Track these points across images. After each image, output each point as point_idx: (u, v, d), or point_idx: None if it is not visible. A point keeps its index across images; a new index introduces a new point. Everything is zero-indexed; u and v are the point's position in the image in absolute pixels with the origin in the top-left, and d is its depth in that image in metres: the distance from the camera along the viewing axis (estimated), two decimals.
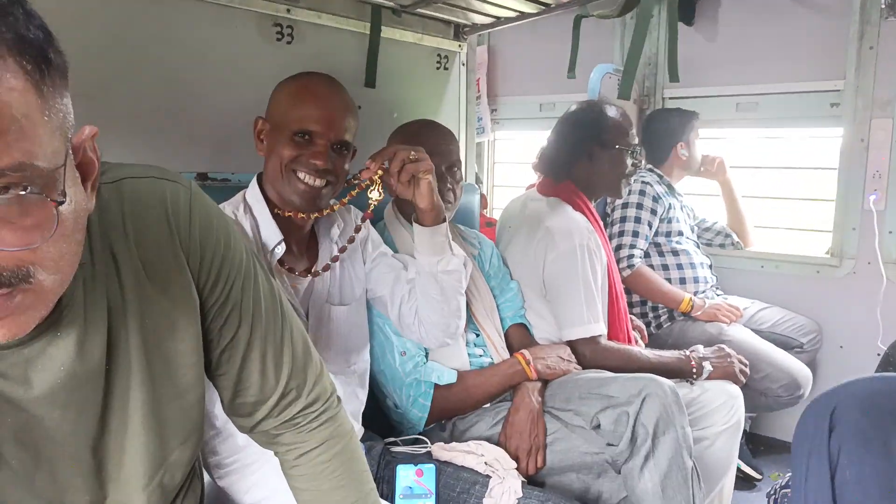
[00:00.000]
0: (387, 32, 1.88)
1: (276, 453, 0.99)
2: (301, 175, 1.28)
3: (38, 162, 0.54)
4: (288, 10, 1.67)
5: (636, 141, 1.94)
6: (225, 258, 0.85)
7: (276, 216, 1.31)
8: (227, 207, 1.30)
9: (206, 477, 1.20)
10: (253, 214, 1.31)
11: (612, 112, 1.93)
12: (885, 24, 2.46)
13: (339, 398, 1.02)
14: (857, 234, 2.59)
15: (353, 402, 1.44)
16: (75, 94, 0.61)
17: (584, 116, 1.94)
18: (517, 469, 1.47)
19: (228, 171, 1.59)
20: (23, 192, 0.54)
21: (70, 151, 0.60)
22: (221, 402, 0.95)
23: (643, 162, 2.79)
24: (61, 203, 0.57)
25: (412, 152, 1.31)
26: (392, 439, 1.55)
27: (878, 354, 2.33)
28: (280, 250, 1.30)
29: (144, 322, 0.77)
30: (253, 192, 1.33)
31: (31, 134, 0.54)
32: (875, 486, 0.89)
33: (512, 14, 1.96)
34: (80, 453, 0.75)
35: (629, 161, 1.93)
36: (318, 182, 1.29)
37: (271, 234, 1.29)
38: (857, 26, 2.52)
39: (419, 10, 1.89)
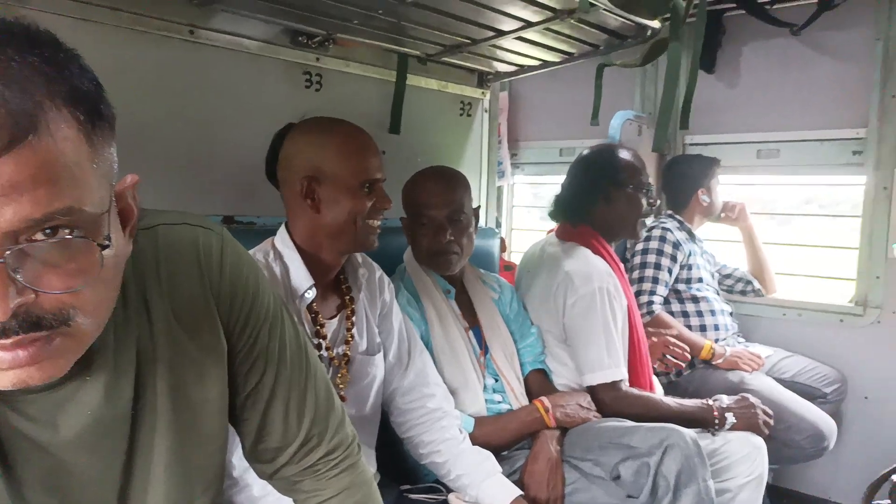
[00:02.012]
0: (412, 80, 1.93)
1: (294, 501, 0.99)
2: (372, 223, 1.35)
3: (87, 207, 0.56)
4: (317, 59, 1.72)
5: (650, 181, 1.95)
6: (254, 304, 0.86)
7: (305, 262, 1.33)
8: (257, 253, 1.33)
9: None
10: (283, 260, 1.33)
11: (624, 154, 1.94)
12: None
13: (359, 445, 1.02)
14: (882, 282, 2.56)
15: (365, 450, 1.44)
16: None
17: (598, 158, 1.96)
18: None
19: (254, 214, 1.62)
20: (69, 236, 0.56)
21: (113, 198, 0.63)
22: (243, 447, 0.95)
23: (664, 208, 2.81)
24: (105, 247, 0.59)
25: None
26: (408, 486, 1.54)
27: None
28: (311, 294, 1.32)
29: (173, 368, 0.78)
30: (282, 238, 1.36)
31: (81, 181, 0.56)
32: None
33: (535, 63, 2.00)
34: (106, 498, 0.76)
35: (644, 201, 1.93)
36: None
37: (302, 279, 1.31)
38: (880, 74, 2.53)
39: (444, 58, 1.93)
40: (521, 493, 1.42)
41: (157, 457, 0.78)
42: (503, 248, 3.25)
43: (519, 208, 3.74)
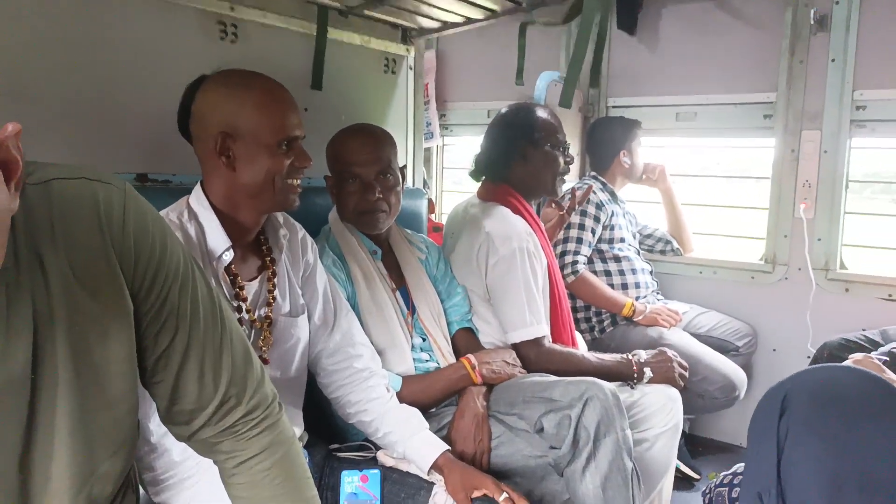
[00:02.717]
0: (333, 34, 1.87)
1: (214, 462, 0.97)
2: (292, 182, 1.30)
3: None
4: (232, 8, 1.63)
5: (566, 139, 1.97)
6: (161, 262, 0.83)
7: (222, 222, 1.28)
8: (170, 213, 1.26)
9: (143, 492, 1.16)
10: (198, 220, 1.27)
11: (541, 112, 1.95)
12: (815, 39, 2.57)
13: (280, 404, 1.00)
14: (789, 241, 2.70)
15: (292, 410, 1.42)
16: (5, 93, 0.59)
17: (514, 117, 1.96)
18: None
19: (169, 171, 1.55)
20: None
21: None
22: (158, 410, 0.92)
23: (587, 169, 2.86)
24: None
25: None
26: (336, 445, 1.53)
27: (808, 357, 2.44)
28: (228, 256, 1.27)
29: (73, 329, 0.74)
30: (198, 198, 1.29)
31: None
32: (815, 465, 0.95)
33: (459, 19, 1.97)
34: (4, 466, 0.72)
35: (561, 159, 1.95)
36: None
37: (219, 241, 1.26)
38: (789, 41, 2.63)
39: (366, 11, 1.88)
40: (447, 447, 1.44)
41: (59, 421, 0.74)
42: (432, 209, 3.25)
43: (450, 170, 3.73)
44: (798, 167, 2.65)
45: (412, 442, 1.43)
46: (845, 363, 1.58)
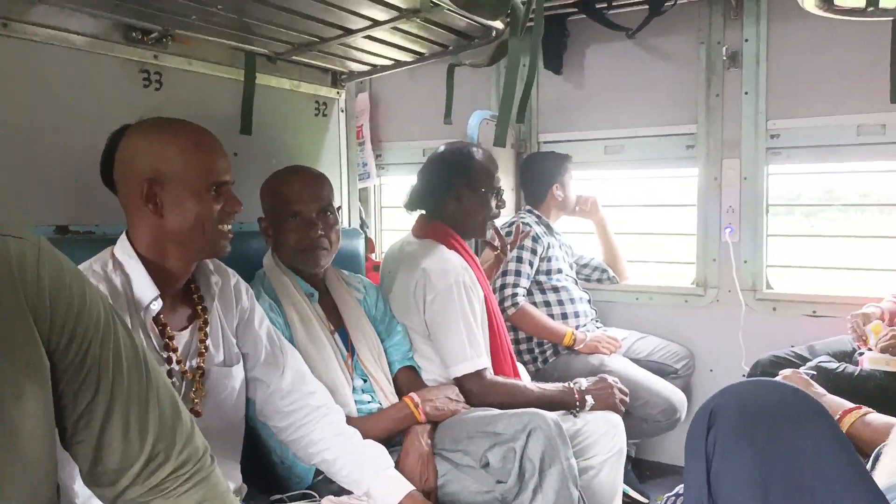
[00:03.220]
0: (262, 79, 1.87)
1: None
2: (223, 227, 1.29)
3: None
4: (155, 56, 1.62)
5: (500, 184, 2.01)
6: (80, 317, 0.80)
7: (149, 271, 1.25)
8: (93, 264, 1.22)
9: None
10: (124, 270, 1.23)
11: (479, 155, 1.99)
12: (728, 73, 2.73)
13: (212, 457, 0.97)
14: (718, 264, 2.81)
15: (229, 463, 1.37)
16: None
17: (453, 159, 1.99)
18: None
19: (92, 222, 1.50)
20: None
21: None
22: (80, 472, 0.88)
23: (522, 204, 2.92)
24: None
25: None
26: (278, 496, 1.49)
27: (743, 375, 2.52)
28: (156, 306, 1.23)
29: None
30: (123, 247, 1.26)
31: None
32: (742, 476, 0.98)
33: (388, 62, 2.01)
34: None
35: (494, 204, 1.99)
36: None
37: (146, 290, 1.23)
38: (704, 75, 2.78)
39: (294, 57, 1.89)
40: (413, 487, 1.43)
41: None
42: (371, 248, 3.24)
43: (388, 209, 3.74)
44: (721, 194, 2.78)
45: (377, 481, 1.41)
46: (775, 379, 1.64)
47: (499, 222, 2.15)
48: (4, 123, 1.37)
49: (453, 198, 1.95)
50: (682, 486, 1.57)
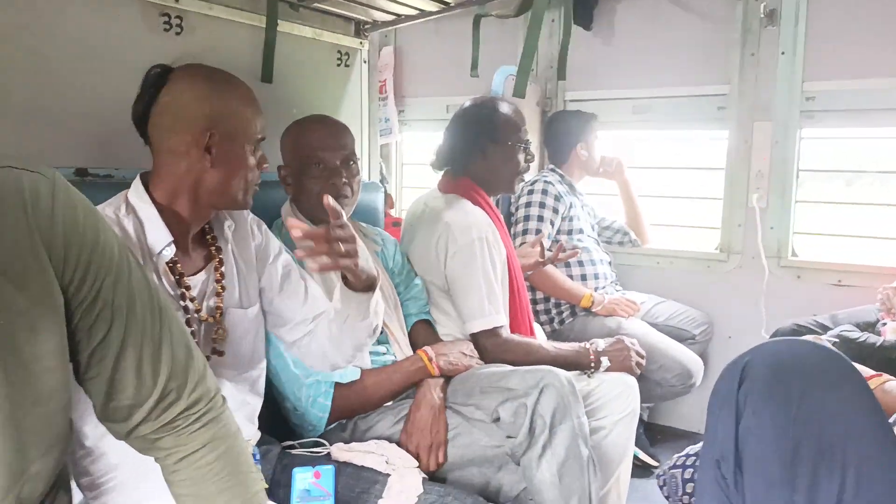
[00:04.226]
0: (284, 27, 1.84)
1: (155, 460, 0.95)
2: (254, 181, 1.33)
3: None
4: (176, 0, 1.60)
5: (528, 137, 1.98)
6: (93, 254, 0.80)
7: (163, 217, 1.25)
8: (106, 209, 1.22)
9: (80, 496, 1.13)
10: (137, 216, 1.23)
11: (504, 108, 1.96)
12: (765, 32, 2.63)
13: (223, 398, 0.98)
14: (743, 230, 2.75)
15: (245, 408, 1.39)
16: None
17: (477, 113, 1.96)
18: (419, 466, 1.47)
19: (111, 166, 1.51)
20: None
21: None
22: (94, 407, 0.90)
23: (545, 162, 2.88)
24: None
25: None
26: (290, 443, 1.51)
27: None
28: (169, 252, 1.24)
29: None
30: (137, 192, 1.25)
31: None
32: (774, 432, 0.98)
33: (412, 12, 1.96)
34: None
35: (522, 158, 1.96)
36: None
37: (159, 236, 1.23)
38: (740, 34, 2.68)
39: (317, 4, 1.86)
40: None
41: None
42: (390, 204, 3.24)
43: (409, 165, 3.72)
44: (751, 158, 2.70)
45: None
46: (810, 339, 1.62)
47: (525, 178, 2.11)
48: (25, 67, 1.37)
49: (479, 153, 1.92)
50: (692, 447, 1.58)
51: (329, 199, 1.16)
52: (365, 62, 2.17)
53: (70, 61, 1.44)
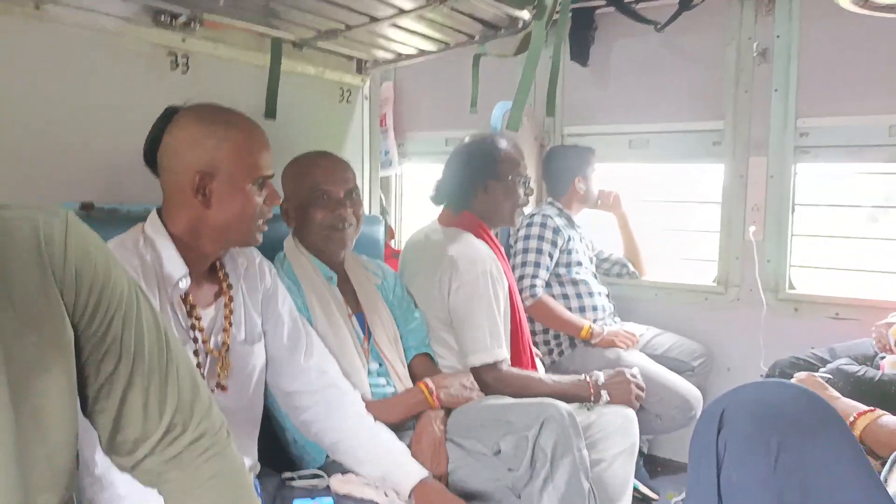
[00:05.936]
0: (288, 65, 1.89)
1: (160, 492, 0.95)
2: (261, 220, 1.33)
3: None
4: (183, 40, 1.64)
5: (527, 171, 2.01)
6: (104, 289, 0.82)
7: (179, 250, 1.28)
8: (125, 240, 1.26)
9: None
10: (155, 248, 1.27)
11: (503, 144, 1.99)
12: (758, 70, 2.69)
13: (228, 432, 0.99)
14: (740, 263, 2.78)
15: (245, 440, 1.40)
16: None
17: (478, 150, 2.00)
18: None
19: (117, 201, 1.54)
20: None
21: None
22: (100, 440, 0.90)
23: (544, 196, 2.91)
24: None
25: None
26: (290, 474, 1.51)
27: (761, 376, 2.49)
28: (185, 283, 1.27)
29: (11, 361, 0.73)
30: (154, 225, 1.29)
31: None
32: (756, 485, 0.96)
33: (412, 51, 2.01)
34: None
35: (521, 192, 2.00)
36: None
37: (176, 267, 1.26)
38: (734, 72, 2.74)
39: (320, 44, 1.91)
40: (428, 473, 1.46)
41: None
42: (391, 235, 3.26)
43: (410, 197, 3.75)
44: (746, 192, 2.75)
45: (393, 466, 1.45)
46: (786, 381, 1.62)
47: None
48: (35, 104, 1.41)
49: (480, 188, 1.96)
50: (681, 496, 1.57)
51: None
52: (366, 98, 2.22)
53: (80, 99, 1.48)
